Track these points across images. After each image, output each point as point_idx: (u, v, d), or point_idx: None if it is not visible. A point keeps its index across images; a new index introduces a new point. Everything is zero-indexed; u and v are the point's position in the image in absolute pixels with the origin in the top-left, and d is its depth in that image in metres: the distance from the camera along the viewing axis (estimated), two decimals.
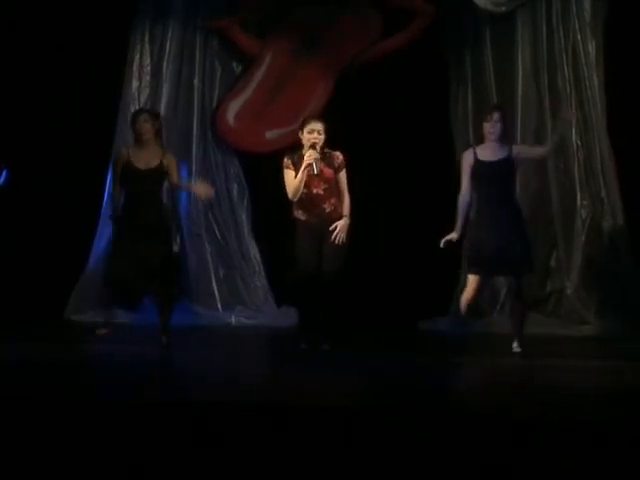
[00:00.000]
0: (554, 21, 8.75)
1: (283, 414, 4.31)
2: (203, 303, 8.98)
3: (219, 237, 9.15)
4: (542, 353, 7.01)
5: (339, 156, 7.09)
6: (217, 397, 4.83)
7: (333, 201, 7.07)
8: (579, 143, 8.67)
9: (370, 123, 8.92)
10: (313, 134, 6.97)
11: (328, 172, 7.04)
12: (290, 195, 7.04)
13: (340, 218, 7.06)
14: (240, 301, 9.08)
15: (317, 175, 6.94)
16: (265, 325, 8.77)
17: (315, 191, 7.02)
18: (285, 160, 7.10)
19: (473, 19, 8.88)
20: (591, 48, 8.66)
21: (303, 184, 6.96)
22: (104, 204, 8.78)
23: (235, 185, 9.21)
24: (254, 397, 4.88)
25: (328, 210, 7.06)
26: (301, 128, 7.06)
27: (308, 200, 7.04)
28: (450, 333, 7.68)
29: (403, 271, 8.72)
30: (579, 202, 8.65)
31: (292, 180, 7.00)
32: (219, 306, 9.04)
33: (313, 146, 6.92)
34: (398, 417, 4.32)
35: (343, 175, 7.12)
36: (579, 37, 8.67)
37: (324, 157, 7.03)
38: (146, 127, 7.23)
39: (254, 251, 9.15)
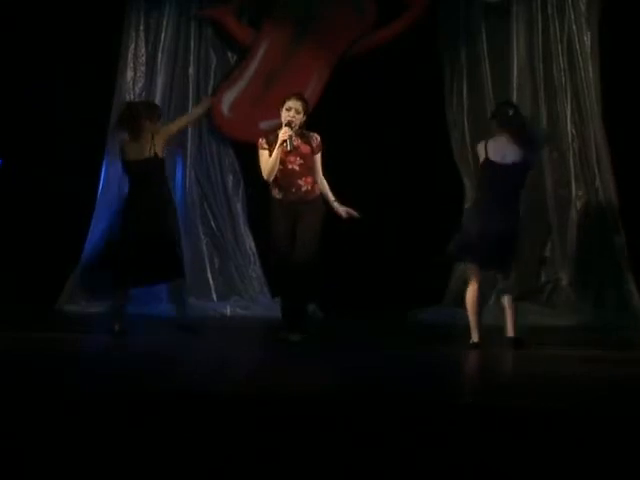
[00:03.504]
0: (549, 11, 8.78)
1: (267, 405, 4.30)
2: (198, 294, 8.96)
3: (214, 228, 9.14)
4: (536, 343, 7.00)
5: (317, 137, 6.96)
6: (203, 388, 4.81)
7: (310, 180, 6.93)
8: (574, 133, 8.71)
9: (366, 115, 8.90)
10: (290, 112, 6.86)
11: (305, 148, 6.91)
12: (265, 174, 6.90)
13: (316, 199, 6.93)
14: (235, 292, 9.07)
15: (292, 151, 6.82)
16: (260, 316, 8.75)
17: (290, 167, 6.89)
18: (260, 140, 6.98)
19: (468, 10, 8.87)
20: (586, 38, 8.68)
21: (278, 162, 6.87)
22: (99, 193, 8.80)
23: (230, 176, 9.20)
24: (238, 388, 4.87)
25: (304, 189, 6.92)
26: (281, 106, 6.95)
27: (283, 177, 6.90)
28: (440, 323, 7.68)
29: (394, 261, 8.71)
30: (574, 192, 8.68)
31: (266, 160, 6.88)
32: (214, 297, 9.03)
33: (288, 124, 6.83)
34: (384, 408, 4.31)
35: (319, 158, 6.97)
36: (574, 27, 8.70)
37: (302, 135, 6.92)
38: None
39: (249, 242, 9.14)
